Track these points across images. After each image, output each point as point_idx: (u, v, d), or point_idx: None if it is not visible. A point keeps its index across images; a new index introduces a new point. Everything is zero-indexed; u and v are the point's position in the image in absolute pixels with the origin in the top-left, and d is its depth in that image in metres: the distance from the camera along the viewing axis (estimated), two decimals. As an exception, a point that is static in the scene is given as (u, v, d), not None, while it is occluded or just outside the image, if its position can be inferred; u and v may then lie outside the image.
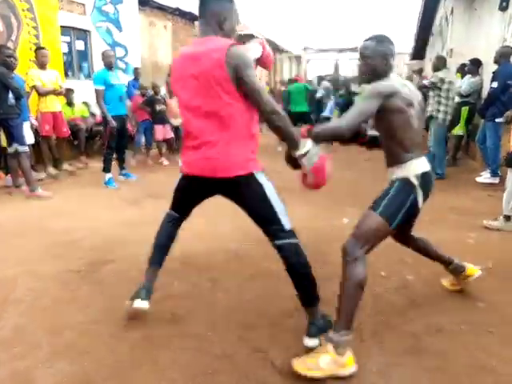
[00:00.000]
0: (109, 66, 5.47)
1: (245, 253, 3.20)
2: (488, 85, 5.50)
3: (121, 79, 5.63)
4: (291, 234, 2.01)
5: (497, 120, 5.08)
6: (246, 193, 1.99)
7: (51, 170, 6.08)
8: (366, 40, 2.11)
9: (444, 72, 5.54)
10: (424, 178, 2.06)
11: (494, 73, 5.17)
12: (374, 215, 1.98)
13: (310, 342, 1.97)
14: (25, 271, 2.84)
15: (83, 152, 7.13)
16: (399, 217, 1.99)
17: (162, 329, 2.19)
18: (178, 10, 11.47)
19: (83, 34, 8.51)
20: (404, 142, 2.04)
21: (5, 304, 2.43)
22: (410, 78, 12.03)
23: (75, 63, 8.55)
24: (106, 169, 5.61)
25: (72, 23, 7.99)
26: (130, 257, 3.13)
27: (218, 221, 4.03)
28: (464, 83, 6.37)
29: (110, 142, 5.57)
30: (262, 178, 2.00)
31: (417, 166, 2.06)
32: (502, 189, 3.87)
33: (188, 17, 12.03)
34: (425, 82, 5.62)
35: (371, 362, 1.89)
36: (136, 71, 8.04)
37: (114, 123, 5.38)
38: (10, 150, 4.92)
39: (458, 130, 6.57)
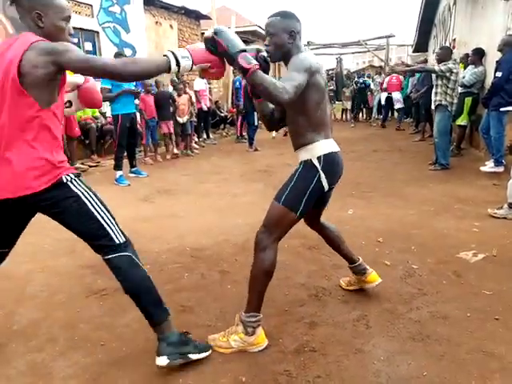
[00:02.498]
0: None
1: (252, 245, 3.24)
2: (491, 75, 5.48)
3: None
4: (123, 246, 1.80)
5: (501, 109, 5.07)
6: (56, 209, 1.70)
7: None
8: (270, 16, 1.97)
9: (452, 62, 5.53)
10: (327, 159, 1.98)
11: (497, 62, 5.15)
12: (276, 206, 1.99)
13: (159, 360, 1.81)
14: (40, 267, 2.93)
15: (94, 151, 7.27)
16: (303, 203, 1.96)
17: (174, 320, 2.25)
18: (183, 8, 11.53)
19: (91, 34, 8.60)
20: (314, 122, 1.97)
21: (21, 299, 2.51)
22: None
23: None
24: (117, 166, 5.71)
25: (80, 24, 8.07)
26: (141, 252, 3.18)
27: (227, 215, 4.09)
28: (467, 73, 6.34)
29: (120, 140, 5.67)
30: (75, 185, 1.73)
31: (321, 147, 1.98)
32: (506, 177, 3.88)
33: (193, 15, 12.09)
34: (436, 67, 5.57)
35: (378, 350, 1.93)
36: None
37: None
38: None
39: (462, 121, 6.56)
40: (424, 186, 4.96)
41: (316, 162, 1.96)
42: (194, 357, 1.87)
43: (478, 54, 6.26)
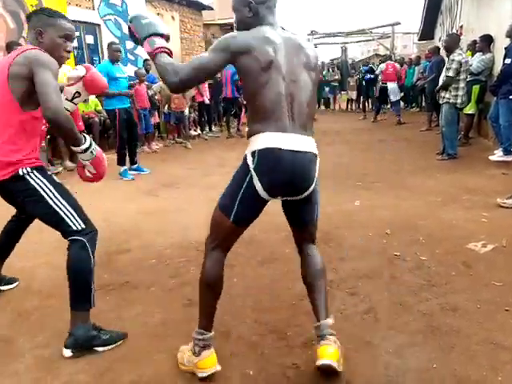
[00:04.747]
0: (113, 60, 5.49)
1: (260, 239, 3.23)
2: (500, 62, 5.38)
3: (125, 72, 5.65)
4: (82, 233, 1.94)
5: (511, 97, 4.98)
6: (18, 198, 1.99)
7: (68, 163, 6.20)
8: None
9: (459, 53, 5.42)
10: (263, 156, 1.59)
11: (506, 48, 5.04)
12: (215, 210, 1.74)
13: (64, 351, 1.91)
14: (43, 263, 2.92)
15: (98, 145, 7.24)
16: (235, 208, 1.64)
17: (180, 314, 2.25)
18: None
19: (92, 27, 8.56)
20: (255, 110, 1.65)
21: (27, 293, 2.51)
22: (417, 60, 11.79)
23: (86, 57, 8.61)
24: (120, 161, 5.69)
25: (81, 17, 8.03)
26: (146, 246, 3.19)
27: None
28: (474, 61, 6.23)
29: (120, 134, 5.64)
30: (33, 178, 1.93)
31: (258, 141, 1.62)
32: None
33: (195, 6, 11.99)
34: (451, 73, 5.41)
35: (387, 343, 1.91)
36: (145, 63, 8.10)
37: None
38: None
39: (470, 109, 6.46)
40: (431, 176, 4.90)
41: (249, 159, 1.63)
42: (100, 349, 1.94)
43: (486, 41, 6.14)
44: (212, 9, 13.42)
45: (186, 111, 8.20)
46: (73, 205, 1.97)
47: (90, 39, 8.57)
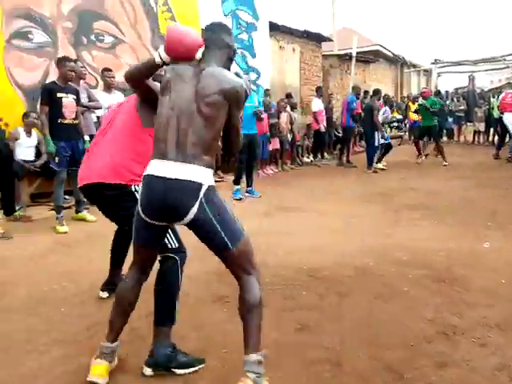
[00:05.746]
0: None
1: (374, 271, 3.13)
2: None
3: (254, 102, 6.04)
4: (175, 250, 2.05)
5: None
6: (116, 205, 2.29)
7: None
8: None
9: None
10: (142, 183, 1.74)
11: None
12: None
13: (146, 370, 1.93)
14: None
15: (220, 167, 7.82)
16: (134, 229, 1.81)
17: (291, 337, 2.27)
18: (306, 32, 11.86)
19: (221, 60, 9.37)
20: (153, 135, 1.80)
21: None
22: None
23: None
24: (236, 181, 6.08)
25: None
26: (261, 265, 3.24)
27: (345, 236, 4.02)
28: None
29: (240, 157, 6.07)
30: None
31: (147, 168, 1.73)
32: None
33: (315, 38, 12.35)
34: None
35: None
36: (267, 92, 8.62)
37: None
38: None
39: None
40: None
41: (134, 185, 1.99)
42: (178, 372, 1.94)
43: None
44: (331, 40, 13.67)
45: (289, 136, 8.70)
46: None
47: (218, 71, 9.38)
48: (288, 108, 8.96)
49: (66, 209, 4.80)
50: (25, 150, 5.06)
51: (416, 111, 10.75)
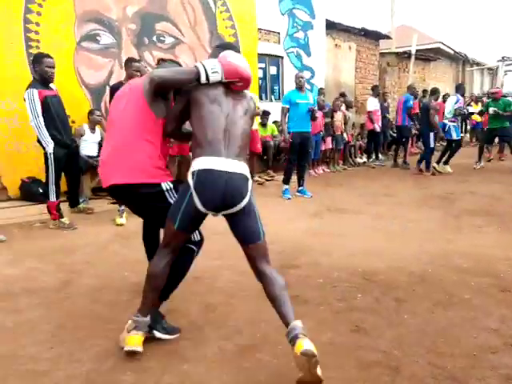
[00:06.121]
0: (297, 87, 5.97)
1: (433, 277, 3.02)
2: None
3: (308, 98, 6.00)
4: (197, 243, 2.24)
5: None
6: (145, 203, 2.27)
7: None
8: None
9: None
10: (199, 176, 1.92)
11: None
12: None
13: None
14: (228, 266, 3.28)
15: (270, 166, 7.89)
16: (179, 217, 1.97)
17: (347, 338, 2.25)
18: (363, 30, 11.62)
19: (276, 59, 9.41)
20: (195, 134, 2.01)
21: (212, 291, 2.86)
22: None
23: (268, 87, 9.49)
24: (285, 180, 6.07)
25: (267, 51, 8.92)
26: (314, 264, 3.30)
27: (402, 241, 3.91)
28: None
29: (290, 156, 6.06)
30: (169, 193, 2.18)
31: (198, 164, 1.94)
32: None
33: (373, 36, 12.06)
34: None
35: None
36: (321, 91, 8.56)
37: (287, 136, 5.91)
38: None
39: None
40: None
41: (190, 178, 1.95)
42: (158, 335, 2.17)
43: None
44: (390, 38, 13.29)
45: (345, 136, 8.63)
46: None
47: (273, 70, 9.42)
48: (343, 107, 8.83)
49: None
50: (89, 145, 5.38)
51: (481, 112, 10.11)
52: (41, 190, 4.97)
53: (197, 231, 2.22)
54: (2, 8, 5.03)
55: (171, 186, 2.17)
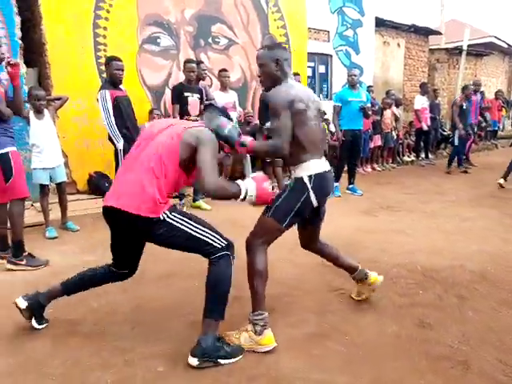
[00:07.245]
0: (350, 85, 5.99)
1: (495, 277, 3.03)
2: None
3: (361, 96, 6.01)
4: (225, 248, 2.10)
5: None
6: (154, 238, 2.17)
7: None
8: (258, 50, 2.31)
9: None
10: (317, 178, 2.19)
11: None
12: (264, 219, 2.22)
13: (190, 359, 2.01)
14: (286, 259, 3.42)
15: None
16: (291, 216, 2.17)
17: (413, 331, 2.33)
18: (412, 26, 11.38)
19: (325, 58, 9.44)
20: (303, 143, 2.17)
21: (272, 283, 2.99)
22: None
23: (317, 85, 9.54)
24: (336, 178, 6.11)
25: (317, 49, 8.97)
26: (371, 261, 3.37)
27: (458, 239, 3.90)
28: None
29: (341, 154, 6.12)
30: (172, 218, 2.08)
31: (311, 167, 2.19)
32: None
33: (422, 32, 11.79)
34: None
35: None
36: (369, 89, 8.50)
37: (340, 135, 5.96)
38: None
39: None
40: None
41: (307, 180, 2.17)
42: (223, 362, 2.04)
43: None
44: (440, 33, 12.93)
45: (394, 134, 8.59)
46: (209, 227, 2.10)
47: (322, 69, 9.45)
48: (393, 105, 8.74)
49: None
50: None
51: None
52: (107, 184, 5.33)
53: (218, 236, 2.11)
54: (74, 15, 5.41)
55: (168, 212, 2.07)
